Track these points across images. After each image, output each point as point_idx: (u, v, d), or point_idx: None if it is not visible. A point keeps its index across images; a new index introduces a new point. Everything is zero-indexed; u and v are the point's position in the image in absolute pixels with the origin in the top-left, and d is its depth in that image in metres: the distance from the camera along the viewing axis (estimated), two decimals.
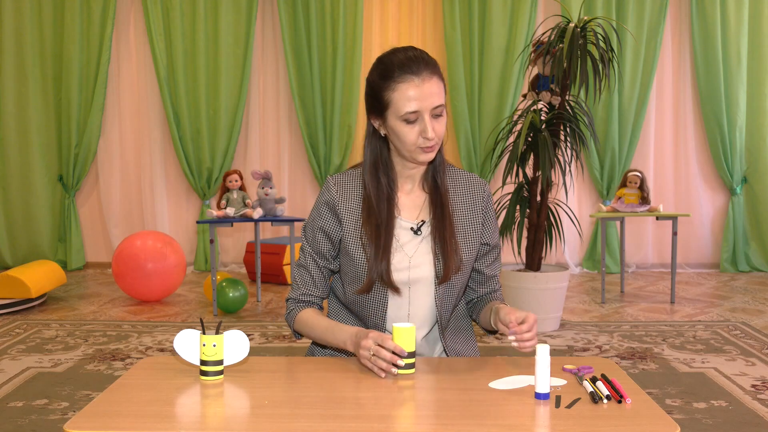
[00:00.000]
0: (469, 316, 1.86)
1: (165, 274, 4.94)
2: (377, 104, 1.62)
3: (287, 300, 1.77)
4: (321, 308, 1.77)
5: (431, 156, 1.63)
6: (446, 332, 1.77)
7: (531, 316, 1.51)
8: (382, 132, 1.66)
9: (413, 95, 1.56)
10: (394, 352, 1.44)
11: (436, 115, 1.59)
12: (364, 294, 1.68)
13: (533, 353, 1.37)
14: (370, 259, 1.64)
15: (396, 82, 1.57)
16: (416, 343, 1.71)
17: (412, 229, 1.69)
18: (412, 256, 1.68)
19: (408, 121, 1.58)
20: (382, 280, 1.65)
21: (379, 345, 1.45)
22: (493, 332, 1.75)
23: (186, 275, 6.12)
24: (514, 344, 1.50)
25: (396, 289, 1.66)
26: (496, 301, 1.77)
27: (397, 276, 1.66)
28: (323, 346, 1.78)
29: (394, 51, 1.63)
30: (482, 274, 1.79)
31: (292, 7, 6.37)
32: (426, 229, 1.70)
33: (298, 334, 1.76)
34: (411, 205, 1.72)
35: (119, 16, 6.51)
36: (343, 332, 1.59)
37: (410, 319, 1.71)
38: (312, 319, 1.70)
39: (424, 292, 1.70)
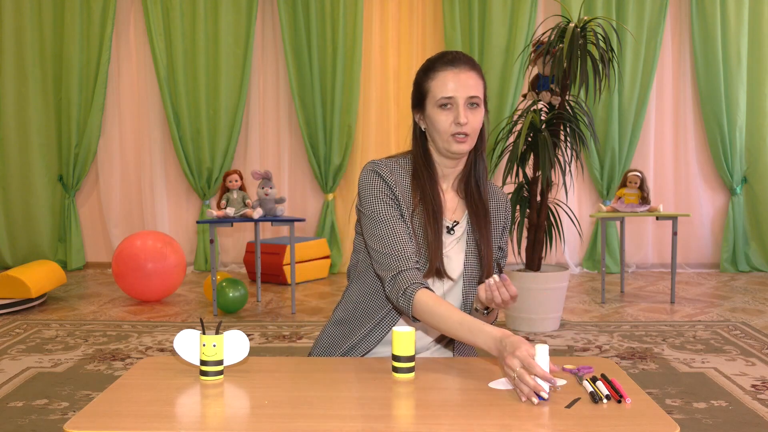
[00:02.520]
0: None
1: (165, 274, 4.94)
2: (419, 95, 1.72)
3: (395, 277, 1.60)
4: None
5: (464, 147, 1.67)
6: None
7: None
8: (423, 126, 1.73)
9: (449, 82, 1.65)
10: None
11: (471, 105, 1.66)
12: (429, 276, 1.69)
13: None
14: (431, 243, 1.67)
15: (436, 72, 1.68)
16: (428, 341, 1.75)
17: (447, 227, 1.74)
18: (444, 254, 1.72)
19: (443, 107, 1.65)
20: (436, 268, 1.68)
21: (524, 369, 1.31)
22: None
23: (186, 275, 6.12)
24: (495, 280, 1.57)
25: (449, 277, 1.70)
26: None
27: None
28: (338, 340, 1.79)
29: (443, 52, 1.72)
30: None
31: (292, 7, 6.37)
32: (459, 230, 1.75)
33: (415, 319, 1.60)
34: (447, 205, 1.76)
35: (119, 16, 6.51)
36: (484, 334, 1.44)
37: None
38: (436, 307, 1.53)
39: (451, 290, 1.74)
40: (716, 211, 6.56)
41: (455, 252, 1.73)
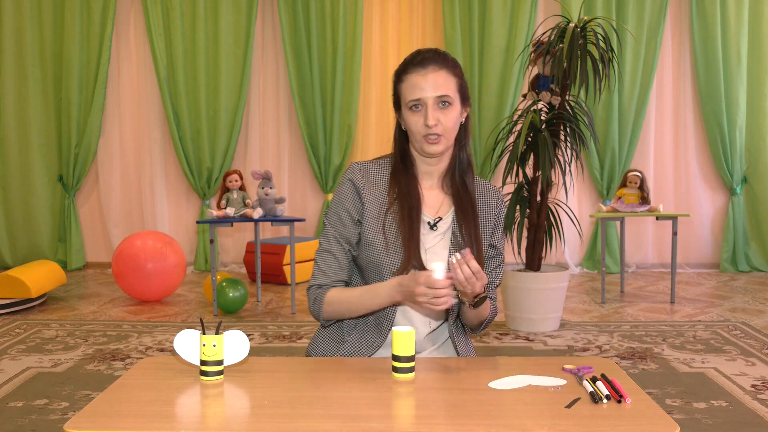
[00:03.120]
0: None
1: (165, 274, 4.94)
2: (396, 99, 1.75)
3: (310, 288, 1.75)
4: None
5: (436, 148, 1.67)
6: (457, 332, 1.79)
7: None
8: (403, 126, 1.75)
9: (416, 84, 1.66)
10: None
11: (442, 104, 1.66)
12: (400, 275, 1.67)
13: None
14: (405, 240, 1.68)
15: (406, 74, 1.70)
16: (422, 340, 1.74)
17: (429, 223, 1.73)
18: (428, 249, 1.72)
19: (413, 110, 1.67)
20: (411, 262, 1.67)
21: (431, 288, 1.47)
22: (474, 329, 1.78)
23: (186, 275, 6.13)
24: (455, 258, 1.51)
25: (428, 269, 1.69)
26: None
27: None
28: (326, 340, 1.78)
29: (416, 51, 1.73)
30: None
31: (292, 7, 6.37)
32: (443, 226, 1.74)
33: (326, 321, 1.74)
34: (430, 202, 1.76)
35: (119, 16, 6.51)
36: (383, 289, 1.61)
37: (420, 312, 1.73)
38: (342, 294, 1.69)
39: None
40: (716, 211, 6.56)
41: (440, 248, 1.73)
